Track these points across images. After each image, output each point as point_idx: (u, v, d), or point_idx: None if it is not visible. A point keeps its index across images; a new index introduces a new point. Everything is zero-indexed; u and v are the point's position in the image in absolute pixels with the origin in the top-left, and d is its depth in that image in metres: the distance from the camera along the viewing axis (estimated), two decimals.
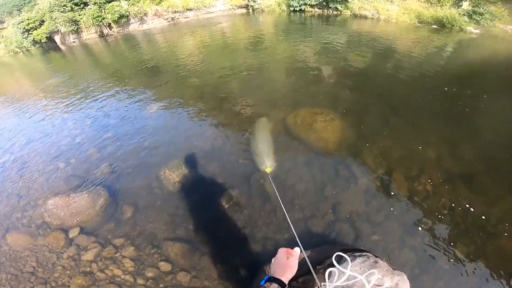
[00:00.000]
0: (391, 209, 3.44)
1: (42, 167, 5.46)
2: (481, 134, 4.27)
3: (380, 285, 2.18)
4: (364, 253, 2.50)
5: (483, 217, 3.16)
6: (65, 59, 15.65)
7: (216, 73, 8.77)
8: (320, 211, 3.59)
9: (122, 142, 5.81)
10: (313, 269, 1.59)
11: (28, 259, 3.69)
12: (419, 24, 12.27)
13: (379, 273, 2.23)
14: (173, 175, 4.51)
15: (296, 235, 1.95)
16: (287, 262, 1.42)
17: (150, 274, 3.39)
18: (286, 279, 1.35)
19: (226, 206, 3.95)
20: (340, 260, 1.65)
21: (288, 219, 2.35)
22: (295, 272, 1.42)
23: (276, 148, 4.45)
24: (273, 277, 1.34)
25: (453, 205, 3.32)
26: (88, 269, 3.51)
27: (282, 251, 1.49)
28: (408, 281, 2.29)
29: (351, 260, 2.21)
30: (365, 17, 14.49)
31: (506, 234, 2.98)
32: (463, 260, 2.88)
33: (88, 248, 3.72)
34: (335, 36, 11.04)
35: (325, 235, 3.29)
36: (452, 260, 2.90)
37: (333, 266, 1.62)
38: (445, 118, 4.60)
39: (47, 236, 3.94)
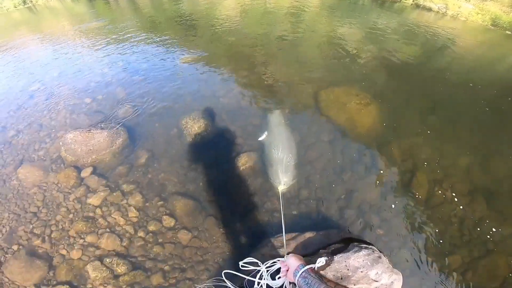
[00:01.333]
0: (404, 207, 3.15)
1: (69, 100, 5.32)
2: None
3: (377, 281, 2.08)
4: (370, 246, 2.41)
5: (490, 233, 2.91)
6: (108, 6, 15.36)
7: (252, 36, 8.21)
8: (334, 193, 3.31)
9: (150, 86, 5.57)
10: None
11: (35, 197, 3.55)
12: (492, 27, 10.71)
13: (379, 269, 2.13)
14: (194, 126, 4.22)
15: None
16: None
17: (151, 228, 3.18)
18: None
19: (241, 169, 3.63)
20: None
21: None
22: None
23: (300, 142, 3.93)
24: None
25: (465, 216, 3.03)
26: (91, 214, 3.33)
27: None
28: (401, 281, 2.14)
29: (357, 251, 2.26)
30: (429, 9, 13.00)
31: (503, 252, 2.78)
32: (454, 270, 2.72)
33: (97, 190, 3.53)
34: (386, 22, 9.95)
35: (333, 219, 3.06)
36: (444, 268, 2.72)
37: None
38: (487, 131, 3.99)
39: (59, 172, 3.78)
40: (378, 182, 3.36)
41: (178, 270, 2.88)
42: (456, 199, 3.17)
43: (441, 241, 2.91)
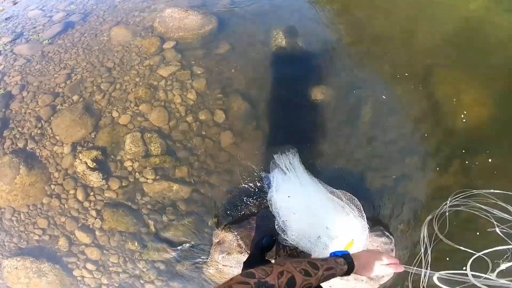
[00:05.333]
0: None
1: None
2: None
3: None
4: (390, 236, 2.14)
5: None
6: None
7: None
8: (387, 169, 2.57)
9: None
10: None
11: (115, 55, 3.40)
12: None
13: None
14: (283, 40, 3.42)
15: None
16: (376, 266, 0.91)
17: (201, 117, 2.80)
18: (360, 269, 0.89)
19: (311, 100, 2.91)
20: None
21: None
22: (371, 275, 0.91)
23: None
24: (352, 261, 0.87)
25: None
26: (156, 83, 3.07)
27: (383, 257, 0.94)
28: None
29: (379, 235, 2.07)
30: None
31: None
32: None
33: (170, 63, 3.22)
34: None
35: (371, 193, 2.44)
36: None
37: None
38: None
39: (146, 38, 3.55)
40: (436, 183, 2.53)
41: (204, 171, 2.55)
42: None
43: None
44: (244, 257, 2.07)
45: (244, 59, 3.26)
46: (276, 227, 1.85)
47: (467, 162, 2.56)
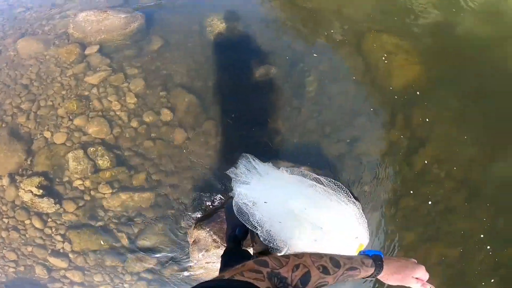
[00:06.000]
0: (397, 173, 2.68)
1: None
2: None
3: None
4: (356, 202, 1.89)
5: (447, 224, 2.58)
6: None
7: None
8: (340, 134, 2.74)
9: None
10: None
11: (30, 69, 2.96)
12: None
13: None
14: (220, 26, 3.31)
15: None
16: (408, 276, 0.81)
17: (147, 119, 2.62)
18: (389, 275, 0.79)
19: (257, 80, 2.89)
20: None
21: None
22: (403, 283, 0.82)
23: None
24: (382, 263, 0.78)
25: (440, 200, 2.62)
26: (86, 93, 2.76)
27: (416, 270, 0.82)
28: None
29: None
30: None
31: (445, 243, 2.52)
32: (406, 247, 2.49)
33: (98, 69, 2.90)
34: None
35: (330, 160, 2.59)
36: (400, 244, 2.46)
37: None
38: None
39: (61, 47, 3.12)
40: (385, 139, 2.81)
41: (163, 174, 2.43)
42: (444, 184, 2.71)
43: (409, 215, 2.59)
44: (222, 251, 2.01)
45: (182, 51, 3.08)
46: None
47: (408, 116, 2.83)
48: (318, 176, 1.77)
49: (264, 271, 0.58)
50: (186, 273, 2.21)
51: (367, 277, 0.77)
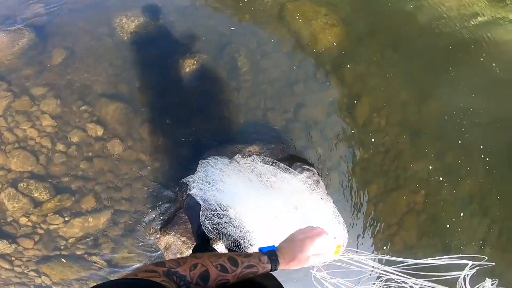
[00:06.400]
0: (344, 128, 2.81)
1: None
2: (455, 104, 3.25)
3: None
4: (311, 168, 2.29)
5: (404, 168, 2.75)
6: None
7: None
8: (283, 105, 2.81)
9: None
10: None
11: None
12: None
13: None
14: (132, 24, 3.01)
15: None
16: (306, 257, 0.79)
17: (74, 139, 2.34)
18: (287, 264, 0.78)
19: (187, 71, 2.74)
20: None
21: None
22: (305, 265, 0.81)
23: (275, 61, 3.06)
24: (277, 255, 0.78)
25: (390, 147, 2.83)
26: None
27: (313, 231, 0.83)
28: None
29: (299, 172, 2.03)
30: None
31: (407, 189, 2.67)
32: (370, 200, 2.58)
33: None
34: None
35: (279, 133, 2.64)
36: (362, 197, 2.58)
37: None
38: (433, 76, 3.44)
39: None
40: (327, 100, 2.94)
41: (112, 190, 2.24)
42: (387, 129, 2.92)
43: (366, 168, 2.70)
44: None
45: (93, 58, 2.75)
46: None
47: (340, 75, 3.02)
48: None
49: (160, 270, 0.59)
50: None
51: (269, 272, 0.79)
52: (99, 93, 2.51)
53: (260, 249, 0.82)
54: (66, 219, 2.18)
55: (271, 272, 0.78)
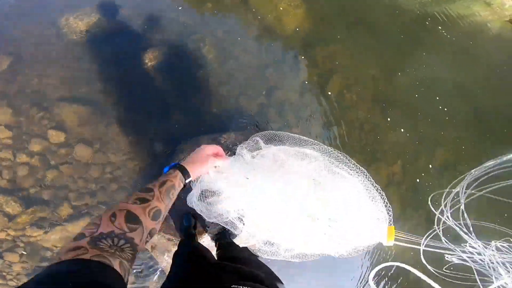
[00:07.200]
0: (318, 107, 2.85)
1: None
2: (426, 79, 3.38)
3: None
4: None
5: (379, 141, 2.83)
6: None
7: None
8: (255, 90, 2.80)
9: None
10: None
11: None
12: None
13: None
14: (80, 23, 2.82)
15: None
16: (202, 156, 0.87)
17: (36, 148, 2.20)
18: (193, 172, 0.82)
19: (148, 65, 2.65)
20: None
21: None
22: (205, 170, 0.88)
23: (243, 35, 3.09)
24: (180, 164, 0.82)
25: (365, 121, 2.91)
26: None
27: (205, 148, 0.89)
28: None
29: None
30: None
31: (384, 162, 2.74)
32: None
33: None
34: None
35: (253, 117, 2.62)
36: None
37: None
38: (399, 51, 3.59)
39: None
40: (298, 81, 2.97)
41: (87, 196, 2.14)
42: (359, 105, 2.99)
43: (345, 144, 2.73)
44: None
45: (43, 62, 2.58)
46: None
47: (310, 56, 3.07)
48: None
49: (84, 243, 0.51)
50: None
51: (186, 183, 0.80)
52: (55, 97, 2.37)
53: (165, 170, 0.81)
54: (46, 230, 2.09)
55: (259, 259, 0.77)
